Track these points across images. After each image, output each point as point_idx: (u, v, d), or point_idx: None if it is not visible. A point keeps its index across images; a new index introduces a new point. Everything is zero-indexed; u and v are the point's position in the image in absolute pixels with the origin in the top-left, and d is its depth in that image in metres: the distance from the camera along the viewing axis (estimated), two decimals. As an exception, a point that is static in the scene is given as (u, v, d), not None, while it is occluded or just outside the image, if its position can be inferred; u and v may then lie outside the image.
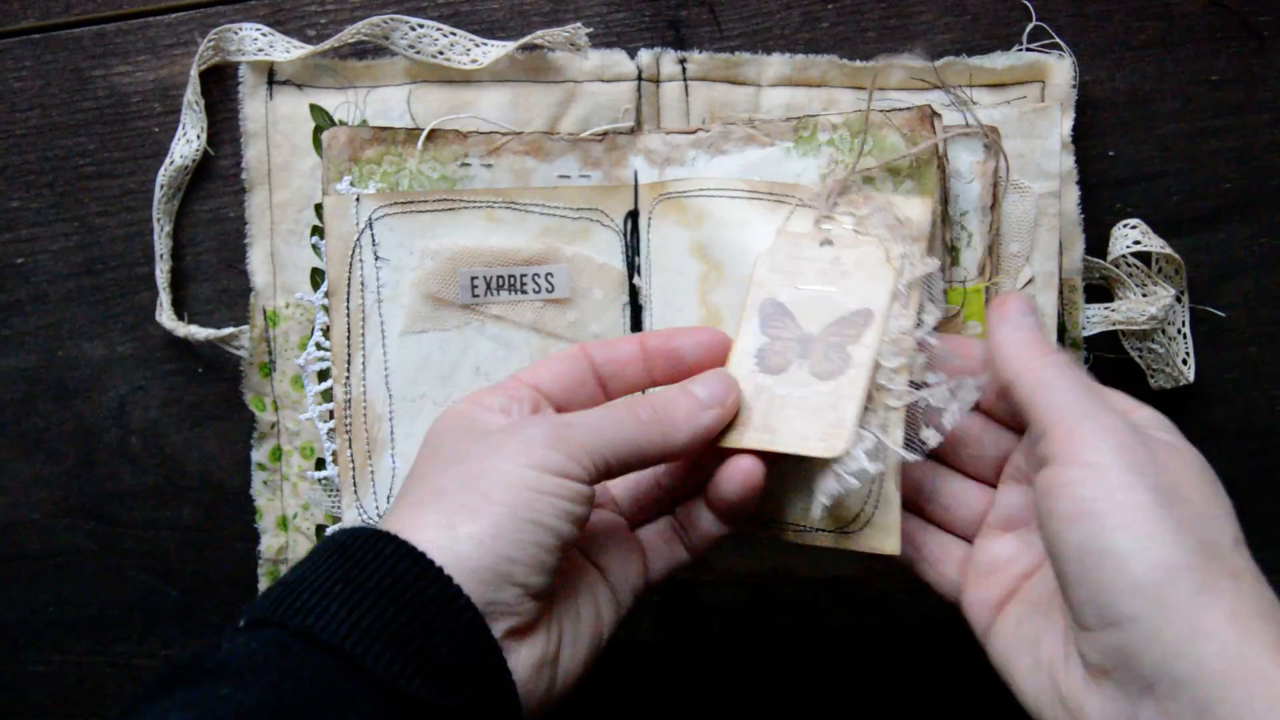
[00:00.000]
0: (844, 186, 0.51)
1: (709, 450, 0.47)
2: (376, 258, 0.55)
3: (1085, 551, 0.38)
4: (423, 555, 0.39)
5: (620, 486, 0.49)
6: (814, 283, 0.49)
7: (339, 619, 0.37)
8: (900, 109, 0.53)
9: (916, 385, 0.47)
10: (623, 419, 0.44)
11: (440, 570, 0.39)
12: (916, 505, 0.50)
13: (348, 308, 0.55)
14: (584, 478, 0.42)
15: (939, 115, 0.52)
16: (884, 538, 0.48)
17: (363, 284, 0.55)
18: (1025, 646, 0.43)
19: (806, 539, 0.49)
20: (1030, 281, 0.55)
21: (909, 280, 0.48)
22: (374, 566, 0.39)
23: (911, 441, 0.47)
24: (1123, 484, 0.38)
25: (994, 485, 0.49)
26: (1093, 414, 0.41)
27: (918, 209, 0.49)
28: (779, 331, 0.49)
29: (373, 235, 0.54)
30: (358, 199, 0.54)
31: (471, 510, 0.40)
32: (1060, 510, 0.39)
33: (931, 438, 0.47)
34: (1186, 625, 0.36)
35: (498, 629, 0.40)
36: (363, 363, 0.55)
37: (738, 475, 0.45)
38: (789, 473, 0.48)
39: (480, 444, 0.43)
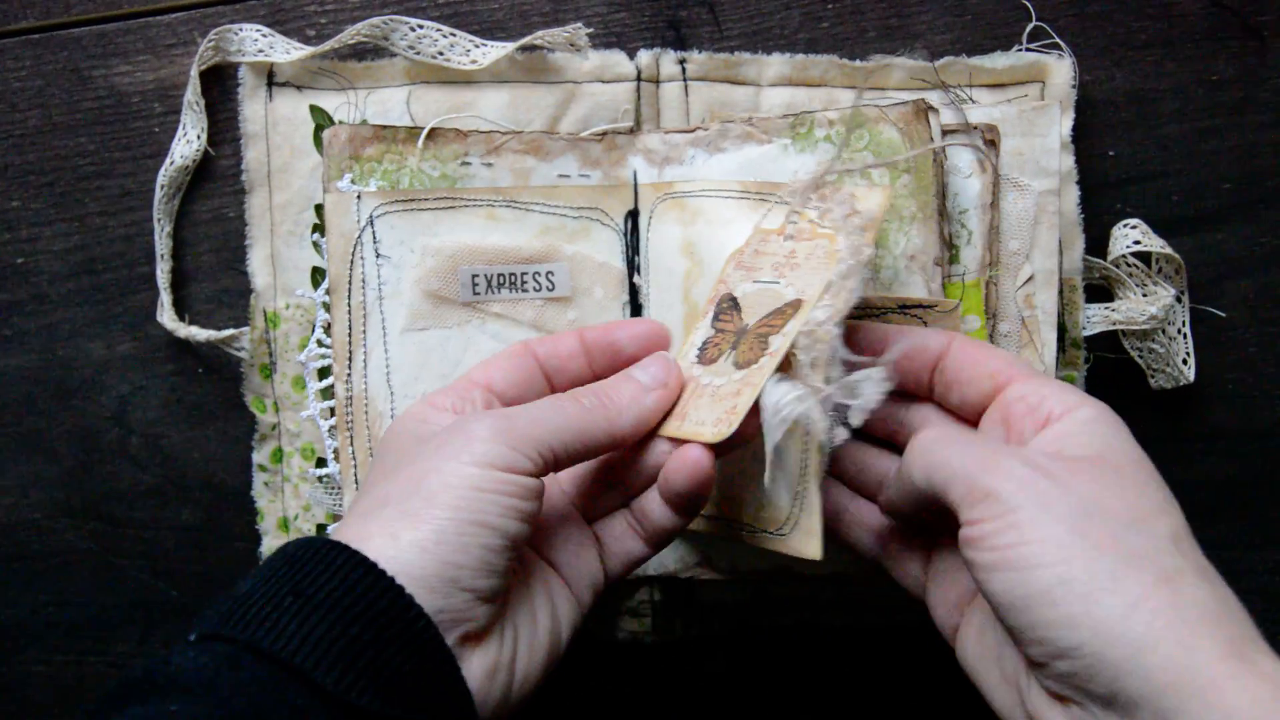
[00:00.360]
0: (818, 182, 0.50)
1: (657, 440, 0.47)
2: (377, 255, 0.55)
3: (1013, 598, 0.38)
4: (374, 565, 0.38)
5: (571, 479, 0.49)
6: (767, 276, 0.49)
7: (289, 632, 0.37)
8: (896, 103, 0.53)
9: (827, 380, 0.45)
10: (567, 407, 0.44)
11: (391, 580, 0.38)
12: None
13: (349, 305, 0.55)
14: (530, 470, 0.42)
15: (935, 110, 0.52)
16: (806, 541, 0.47)
17: (364, 281, 0.55)
18: (990, 660, 0.42)
19: (756, 540, 0.49)
20: (1030, 279, 0.55)
21: (844, 270, 0.47)
22: (324, 578, 0.38)
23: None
24: (1032, 522, 0.38)
25: None
26: (985, 464, 0.40)
27: (875, 200, 0.48)
28: (724, 325, 0.49)
29: (374, 233, 0.55)
30: (359, 197, 0.54)
31: (414, 516, 0.40)
32: (981, 561, 0.39)
33: (840, 435, 0.45)
34: (1127, 644, 0.35)
35: (450, 636, 0.39)
36: (364, 360, 0.55)
37: (686, 466, 0.45)
38: (745, 472, 0.48)
39: (425, 445, 0.43)
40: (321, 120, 0.57)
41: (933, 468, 0.42)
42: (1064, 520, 0.38)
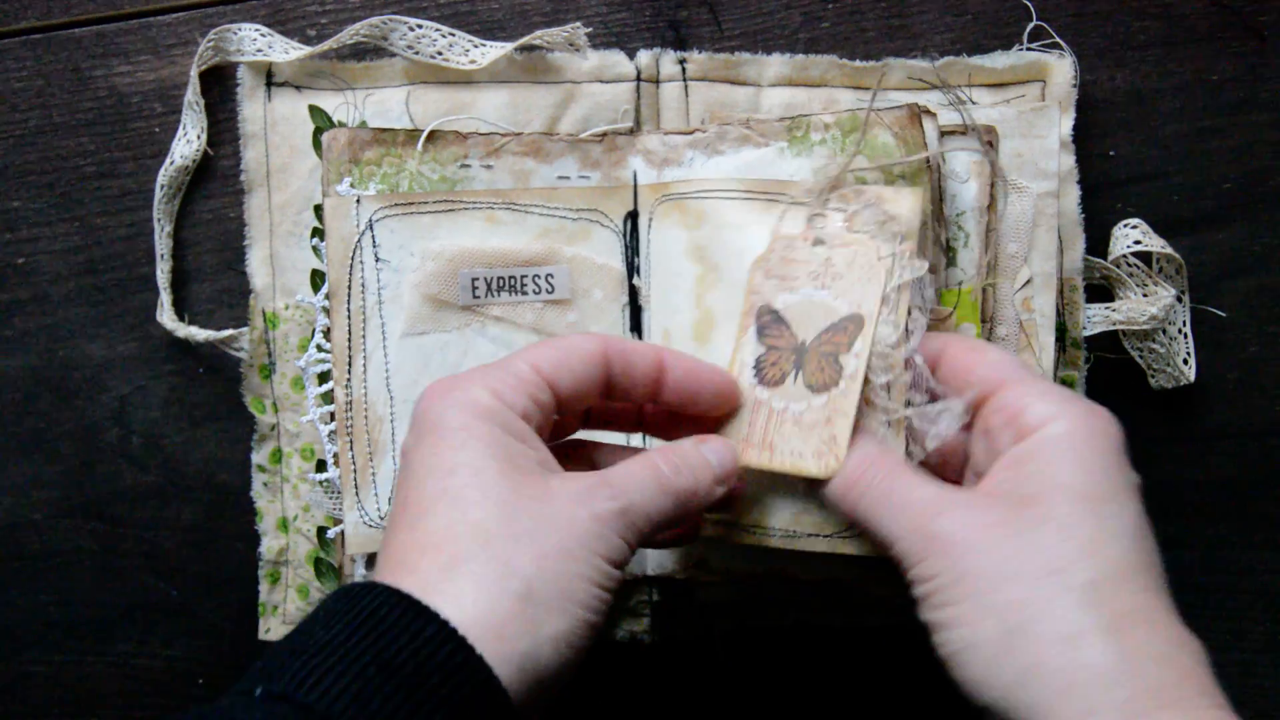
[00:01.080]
0: (836, 183, 0.50)
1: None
2: (377, 259, 0.55)
3: (941, 655, 0.41)
4: (471, 648, 0.36)
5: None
6: (807, 286, 0.49)
7: (378, 715, 0.34)
8: (891, 107, 0.52)
9: (907, 403, 0.47)
10: (668, 494, 0.43)
11: (493, 675, 0.36)
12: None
13: (348, 309, 0.55)
14: (627, 563, 0.42)
15: (930, 113, 0.52)
16: (866, 543, 0.48)
17: (363, 286, 0.55)
18: None
19: (799, 544, 0.49)
20: (1028, 282, 0.55)
21: (898, 284, 0.47)
22: (413, 655, 0.35)
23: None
24: (945, 591, 0.40)
25: None
26: (919, 530, 0.42)
27: (906, 203, 0.48)
28: (775, 340, 0.49)
29: (373, 237, 0.54)
30: (358, 200, 0.54)
31: (554, 609, 0.38)
32: (923, 619, 0.42)
33: (916, 454, 0.46)
34: (1025, 710, 0.38)
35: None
36: (364, 364, 0.55)
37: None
38: (776, 480, 0.49)
39: (544, 503, 0.40)
40: (320, 120, 0.57)
41: (874, 521, 0.44)
42: (973, 586, 0.40)
